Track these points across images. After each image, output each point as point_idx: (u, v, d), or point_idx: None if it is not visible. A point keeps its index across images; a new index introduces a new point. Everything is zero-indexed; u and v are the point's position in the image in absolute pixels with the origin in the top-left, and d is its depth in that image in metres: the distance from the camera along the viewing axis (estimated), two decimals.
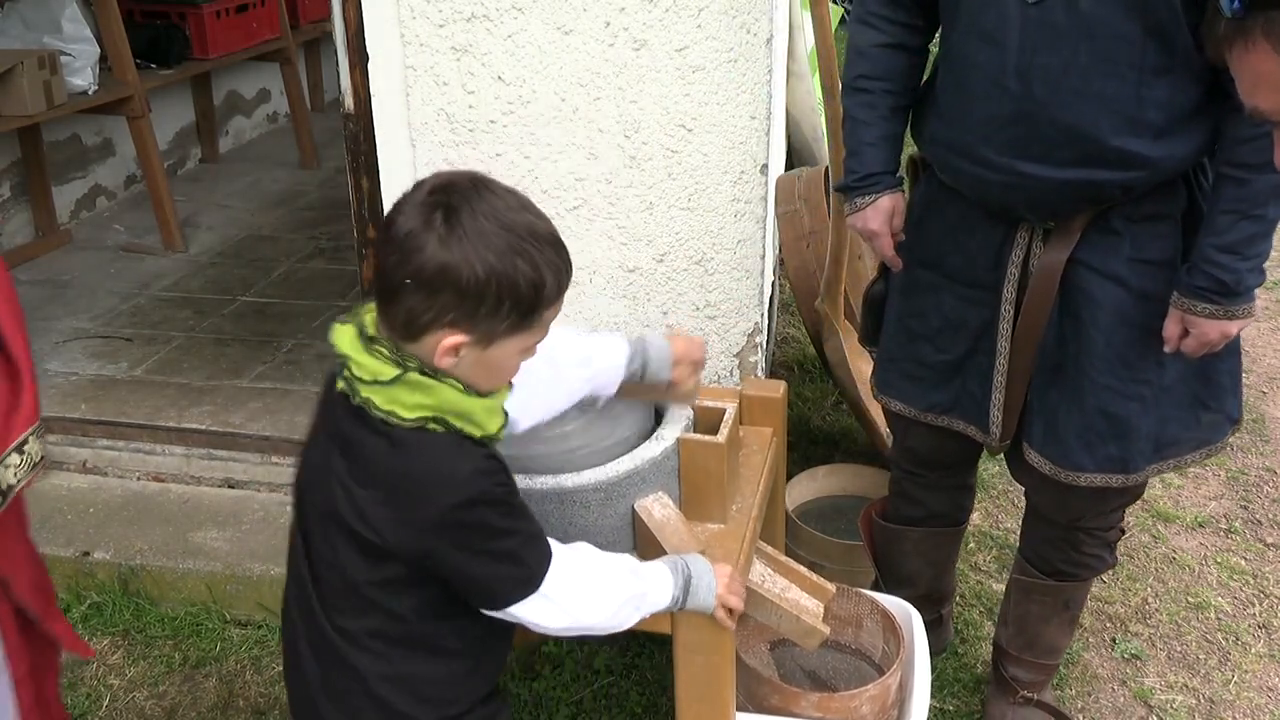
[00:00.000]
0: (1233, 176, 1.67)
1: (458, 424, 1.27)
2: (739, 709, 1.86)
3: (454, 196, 1.21)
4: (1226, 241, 1.68)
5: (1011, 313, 1.88)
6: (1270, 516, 2.95)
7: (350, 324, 1.29)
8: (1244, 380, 3.56)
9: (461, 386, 1.26)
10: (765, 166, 2.27)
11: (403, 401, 1.24)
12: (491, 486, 1.29)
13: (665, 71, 2.19)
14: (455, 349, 1.24)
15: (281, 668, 2.41)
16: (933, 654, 2.37)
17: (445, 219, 1.20)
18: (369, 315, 1.29)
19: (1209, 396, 1.89)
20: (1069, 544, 2.07)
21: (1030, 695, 2.23)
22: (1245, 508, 2.99)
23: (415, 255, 1.19)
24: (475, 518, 1.27)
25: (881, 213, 1.96)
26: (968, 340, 1.95)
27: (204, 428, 3.00)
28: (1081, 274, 1.80)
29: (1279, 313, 4.16)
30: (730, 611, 1.55)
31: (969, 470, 2.24)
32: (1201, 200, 1.77)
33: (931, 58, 1.91)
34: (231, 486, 2.85)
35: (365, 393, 1.25)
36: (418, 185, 1.25)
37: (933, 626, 2.35)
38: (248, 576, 2.57)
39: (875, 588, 2.37)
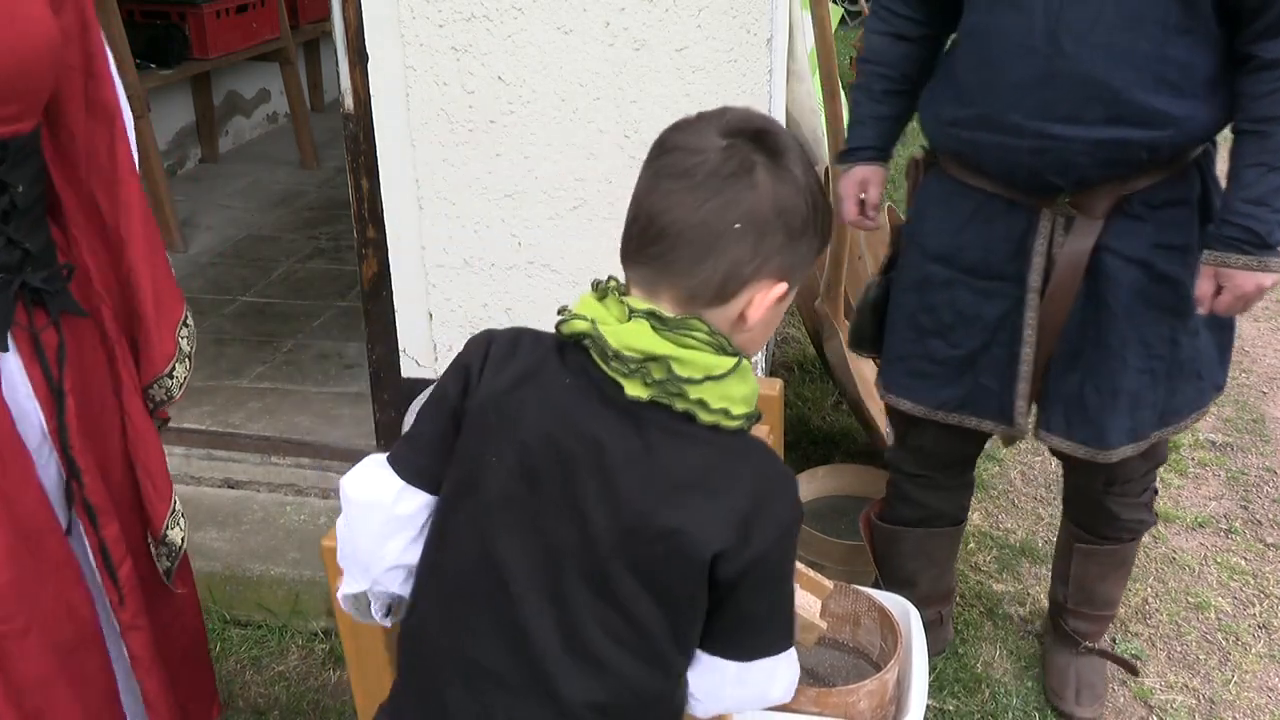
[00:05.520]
0: (1253, 131, 1.72)
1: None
2: None
3: (757, 124, 1.08)
4: (1254, 194, 1.72)
5: (1037, 301, 1.91)
6: (1270, 516, 2.95)
7: (612, 310, 1.09)
8: (1244, 380, 3.59)
9: None
10: None
11: (734, 396, 1.08)
12: None
13: (665, 71, 2.19)
14: (774, 302, 1.09)
15: (281, 669, 2.42)
16: (933, 654, 2.38)
17: (768, 152, 1.06)
18: (633, 299, 1.09)
19: (1204, 368, 1.96)
20: (1107, 513, 2.15)
21: (1091, 645, 2.32)
22: (1245, 508, 2.99)
23: (746, 194, 1.04)
24: (795, 535, 1.15)
25: (852, 181, 2.08)
26: (983, 334, 1.98)
27: (204, 428, 3.00)
28: (1105, 259, 1.85)
29: (1279, 313, 4.16)
30: None
31: (970, 468, 2.26)
32: (1213, 187, 1.85)
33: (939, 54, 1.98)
34: (231, 486, 2.85)
35: (697, 394, 1.06)
36: (682, 127, 1.09)
37: (933, 626, 2.36)
38: (247, 577, 2.57)
39: (876, 589, 2.37)
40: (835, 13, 6.11)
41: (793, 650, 1.19)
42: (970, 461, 2.24)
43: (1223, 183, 1.87)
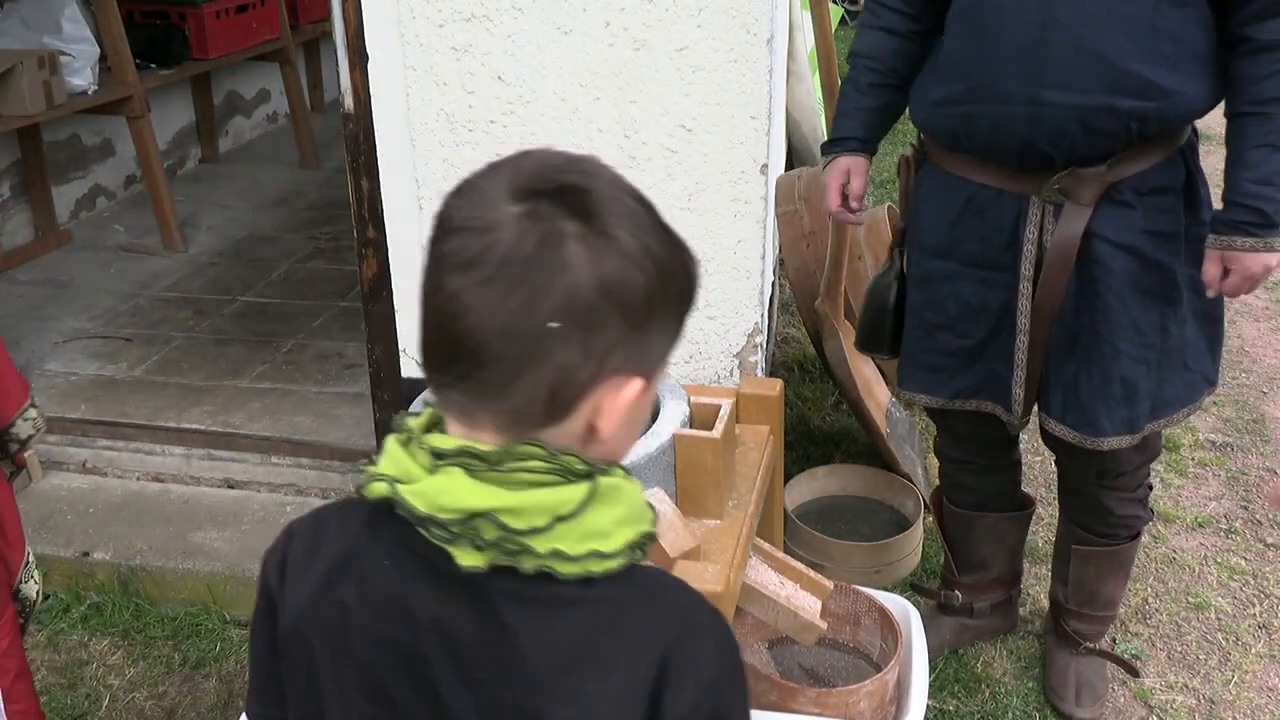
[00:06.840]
0: (1255, 114, 1.75)
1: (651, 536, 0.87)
2: None
3: (560, 177, 0.84)
4: (1260, 174, 1.75)
5: (1030, 289, 1.93)
6: (1270, 516, 2.95)
7: (417, 458, 0.83)
8: (1244, 380, 3.59)
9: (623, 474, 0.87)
10: (765, 166, 2.27)
11: (600, 529, 0.82)
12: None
13: (665, 71, 2.19)
14: (631, 403, 0.83)
15: None
16: (1003, 632, 2.46)
17: (580, 215, 0.79)
18: (439, 438, 0.83)
19: (1190, 359, 1.98)
20: (1103, 509, 2.15)
21: (1092, 646, 2.32)
22: (1245, 508, 2.99)
23: (558, 279, 0.77)
24: (731, 682, 0.89)
25: (836, 171, 2.11)
26: (989, 323, 2.00)
27: (204, 428, 3.00)
28: (1097, 246, 1.87)
29: (1279, 313, 4.16)
30: None
31: (1013, 448, 2.29)
32: (1198, 176, 1.88)
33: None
34: (231, 487, 2.85)
35: (547, 545, 0.81)
36: (464, 191, 0.86)
37: (1001, 608, 2.44)
38: (248, 577, 2.56)
39: (948, 570, 2.39)
40: (835, 13, 6.12)
41: None
42: (1012, 441, 2.26)
43: (1207, 172, 1.90)
